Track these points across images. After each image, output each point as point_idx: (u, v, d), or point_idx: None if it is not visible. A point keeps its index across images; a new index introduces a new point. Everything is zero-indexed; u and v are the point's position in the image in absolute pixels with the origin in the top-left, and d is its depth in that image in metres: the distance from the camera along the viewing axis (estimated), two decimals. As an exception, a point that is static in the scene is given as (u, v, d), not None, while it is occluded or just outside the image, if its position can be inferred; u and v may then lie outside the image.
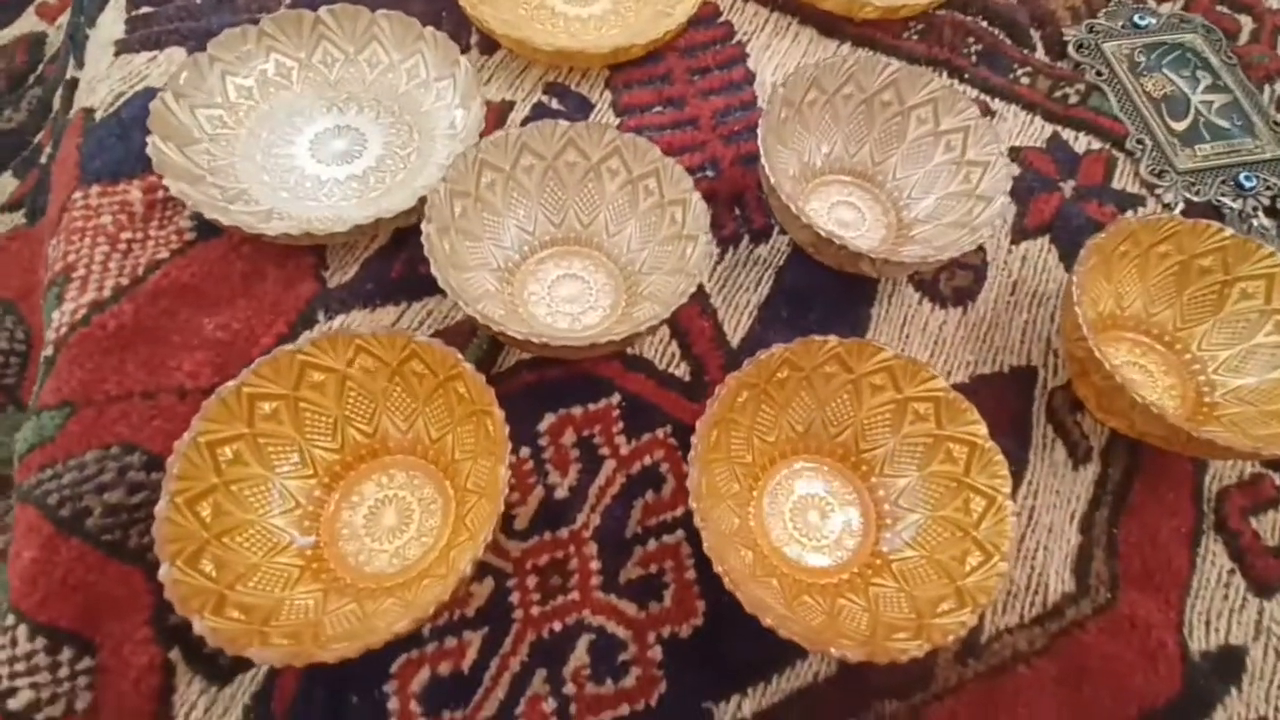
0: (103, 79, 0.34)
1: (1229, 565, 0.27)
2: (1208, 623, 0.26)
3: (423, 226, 0.27)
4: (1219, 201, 0.35)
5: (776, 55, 0.37)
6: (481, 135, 0.31)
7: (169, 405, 0.27)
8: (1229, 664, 0.26)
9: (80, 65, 0.38)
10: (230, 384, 0.24)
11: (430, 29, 0.33)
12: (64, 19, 0.45)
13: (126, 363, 0.28)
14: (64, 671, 0.23)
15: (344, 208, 0.31)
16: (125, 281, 0.29)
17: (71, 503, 0.25)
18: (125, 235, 0.30)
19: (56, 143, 0.38)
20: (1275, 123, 0.37)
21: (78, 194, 0.31)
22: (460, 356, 0.24)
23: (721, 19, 0.38)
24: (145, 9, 0.36)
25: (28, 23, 0.45)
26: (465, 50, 0.36)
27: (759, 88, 0.36)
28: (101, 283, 0.29)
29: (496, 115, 0.34)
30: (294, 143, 0.33)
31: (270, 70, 0.34)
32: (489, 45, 0.36)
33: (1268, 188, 0.35)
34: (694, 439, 0.24)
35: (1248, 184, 0.35)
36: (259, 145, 0.32)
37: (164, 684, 0.23)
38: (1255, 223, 0.34)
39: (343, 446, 0.26)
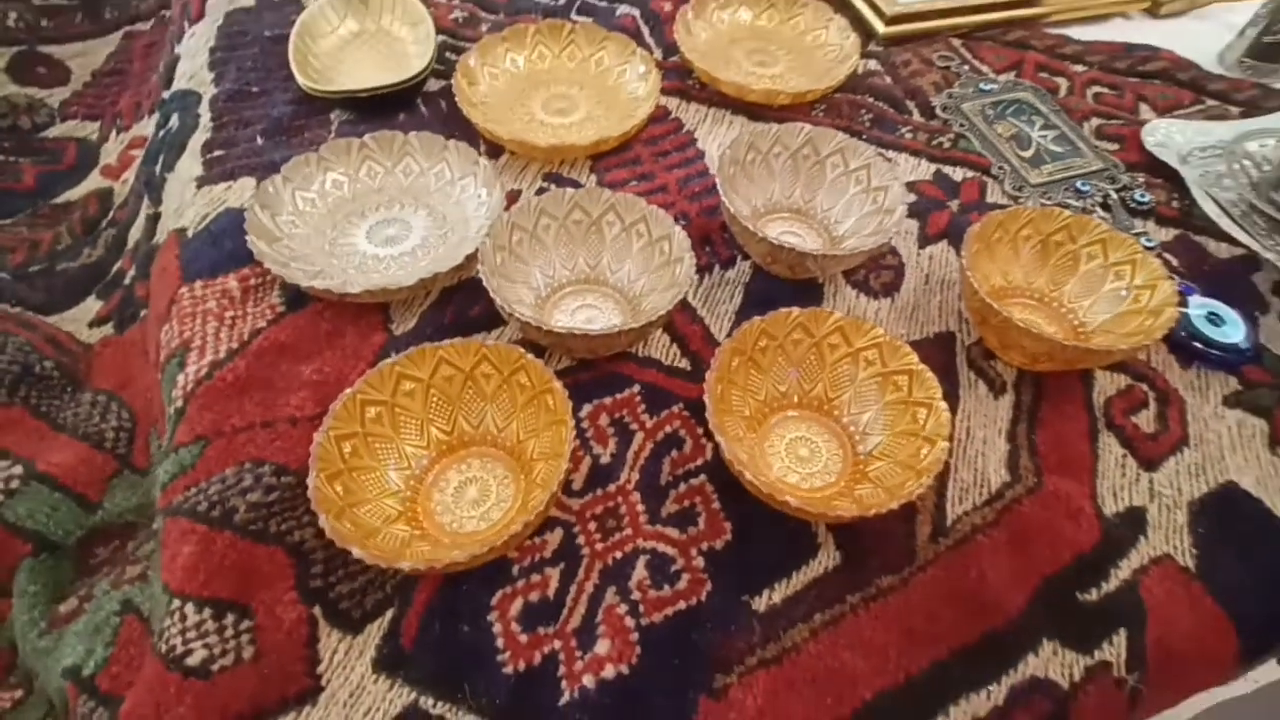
0: (189, 205, 0.45)
1: (1121, 451, 0.37)
2: (1114, 494, 0.36)
3: (479, 268, 0.37)
4: (1065, 204, 0.48)
5: (717, 136, 0.51)
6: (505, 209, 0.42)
7: (285, 431, 0.35)
8: (1134, 520, 0.35)
9: (157, 203, 0.49)
10: (347, 392, 0.33)
11: (451, 140, 0.45)
12: (127, 174, 0.56)
13: (245, 404, 0.36)
14: (229, 633, 0.29)
15: (400, 275, 0.41)
16: (235, 345, 0.38)
17: (219, 506, 0.32)
18: (229, 313, 0.39)
19: (142, 265, 0.48)
20: (1094, 146, 0.51)
21: (183, 290, 0.40)
22: (522, 350, 0.34)
23: (672, 116, 0.52)
24: (218, 152, 0.48)
25: (94, 181, 0.56)
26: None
27: (708, 160, 0.49)
28: (216, 348, 0.38)
29: (510, 201, 0.46)
30: (353, 234, 0.43)
31: (328, 184, 0.45)
32: (495, 151, 0.48)
33: (1098, 190, 0.48)
34: (708, 379, 0.33)
35: (1084, 189, 0.48)
36: (326, 238, 0.43)
37: (310, 634, 0.30)
38: (1097, 214, 0.47)
39: (429, 444, 0.35)
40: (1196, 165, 0.50)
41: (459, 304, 0.41)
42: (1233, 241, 0.46)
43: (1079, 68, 0.58)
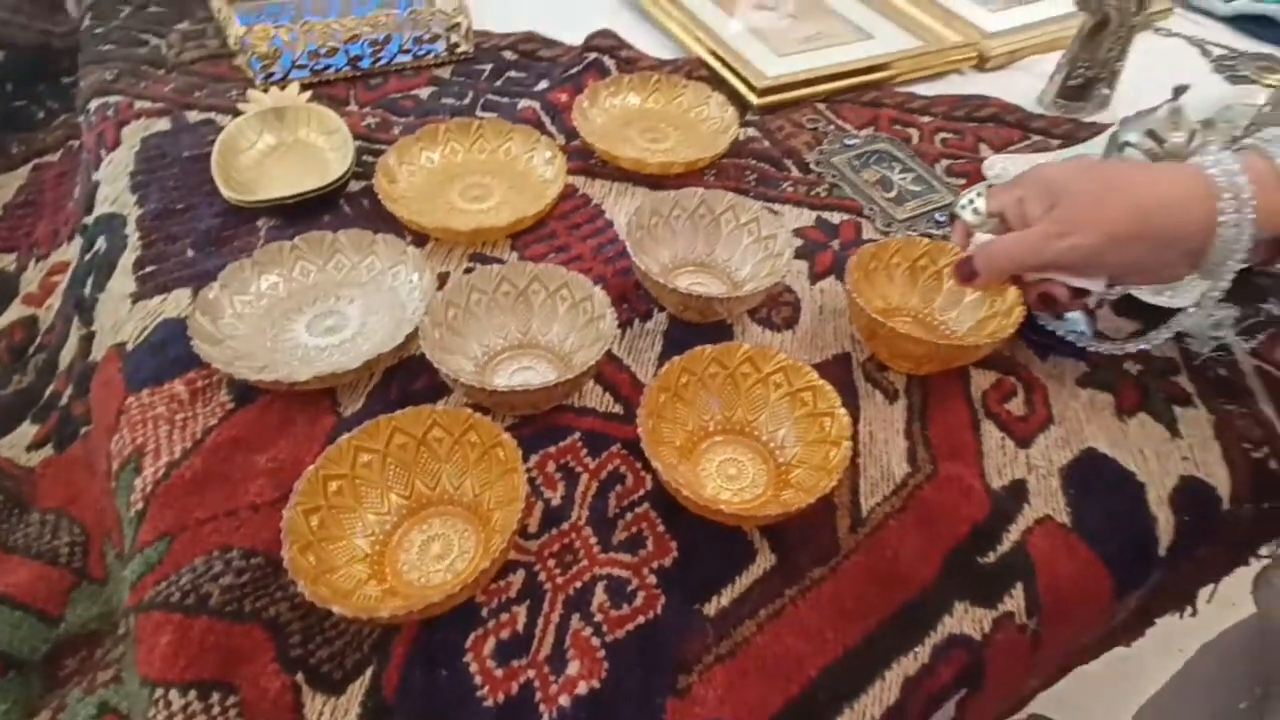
0: (126, 321, 0.48)
1: (1000, 435, 0.44)
2: (998, 471, 0.42)
3: (420, 344, 0.41)
4: (928, 234, 0.56)
5: (623, 206, 0.58)
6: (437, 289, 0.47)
7: (248, 517, 0.38)
8: (1017, 490, 0.41)
9: (89, 323, 0.51)
10: (309, 469, 0.36)
11: (380, 235, 0.50)
12: (51, 300, 0.58)
13: (206, 497, 0.39)
14: (216, 710, 0.32)
15: (344, 361, 0.45)
16: (189, 444, 0.41)
17: (193, 593, 0.34)
18: (179, 416, 0.42)
19: (80, 383, 0.50)
20: (945, 182, 0.60)
21: (131, 399, 0.43)
22: (470, 410, 0.38)
23: (580, 192, 0.59)
24: (150, 268, 0.51)
25: (17, 310, 0.58)
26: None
27: (617, 227, 0.55)
28: (171, 449, 0.40)
29: (441, 282, 0.51)
30: (293, 329, 0.47)
31: (264, 286, 0.49)
32: (421, 239, 0.54)
33: (953, 219, 0.57)
34: (639, 415, 0.38)
35: (941, 219, 0.57)
36: (267, 336, 0.47)
37: (295, 701, 0.32)
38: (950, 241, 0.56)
39: (390, 509, 0.38)
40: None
41: (402, 381, 0.45)
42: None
43: (926, 118, 0.68)
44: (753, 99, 0.68)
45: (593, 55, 0.71)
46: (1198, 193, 0.36)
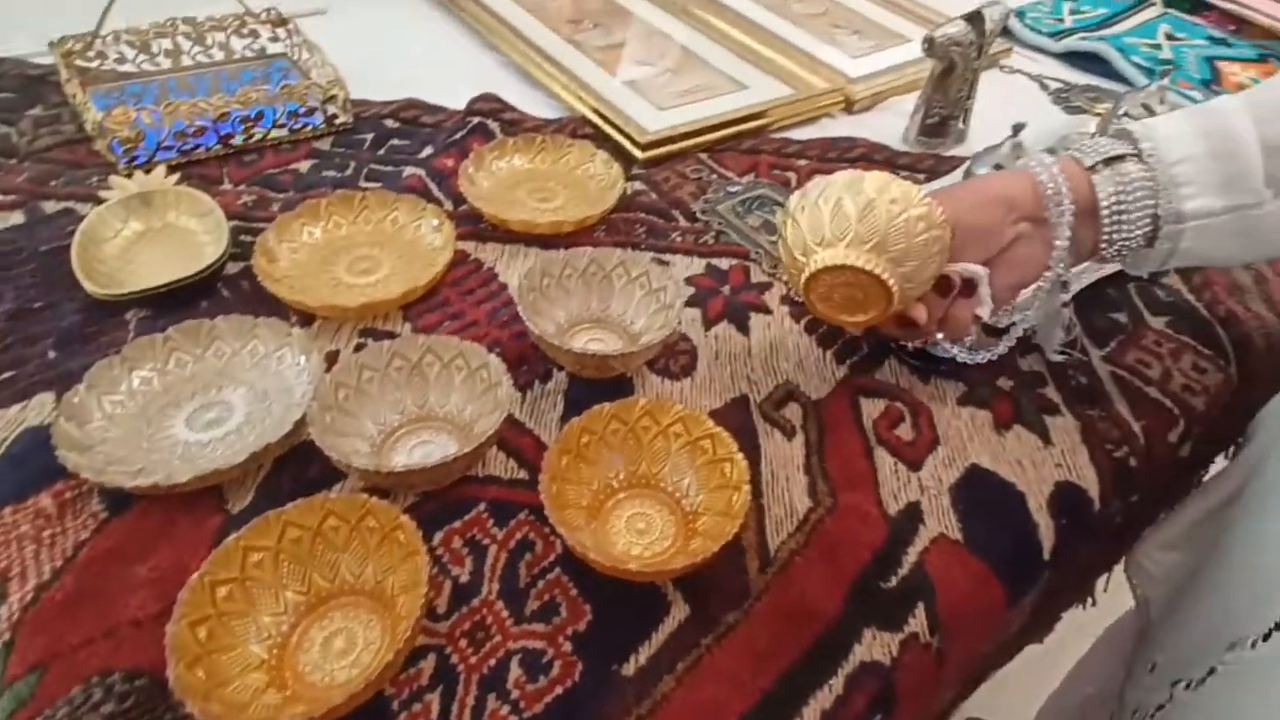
0: (-20, 434, 0.45)
1: (892, 460, 0.47)
2: (893, 496, 0.45)
3: (310, 431, 0.41)
4: (812, 271, 0.60)
5: (515, 268, 0.59)
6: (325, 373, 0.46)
7: (129, 635, 0.36)
8: (912, 513, 0.44)
9: (-63, 439, 0.48)
10: (194, 576, 0.35)
11: (261, 318, 0.50)
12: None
13: (81, 619, 0.36)
14: None
15: (228, 455, 0.44)
16: (59, 563, 0.39)
17: (69, 729, 0.32)
18: (47, 533, 0.40)
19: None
20: (825, 221, 0.65)
21: (-12, 520, 0.40)
22: (365, 496, 0.38)
23: (471, 257, 0.60)
24: (8, 374, 0.48)
25: None
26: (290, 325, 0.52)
27: (511, 290, 0.57)
28: (39, 570, 0.38)
29: (330, 362, 0.50)
30: (171, 426, 0.46)
31: (136, 383, 0.47)
32: (307, 319, 0.53)
33: (835, 256, 0.61)
34: (542, 481, 0.39)
35: (823, 257, 0.61)
36: (143, 436, 0.45)
37: (192, 831, 0.31)
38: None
39: (287, 609, 0.37)
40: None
41: (294, 469, 0.44)
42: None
43: (802, 162, 0.73)
44: (637, 154, 0.71)
45: (476, 119, 0.73)
46: (1023, 174, 0.44)
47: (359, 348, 0.51)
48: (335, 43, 0.84)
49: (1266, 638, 0.38)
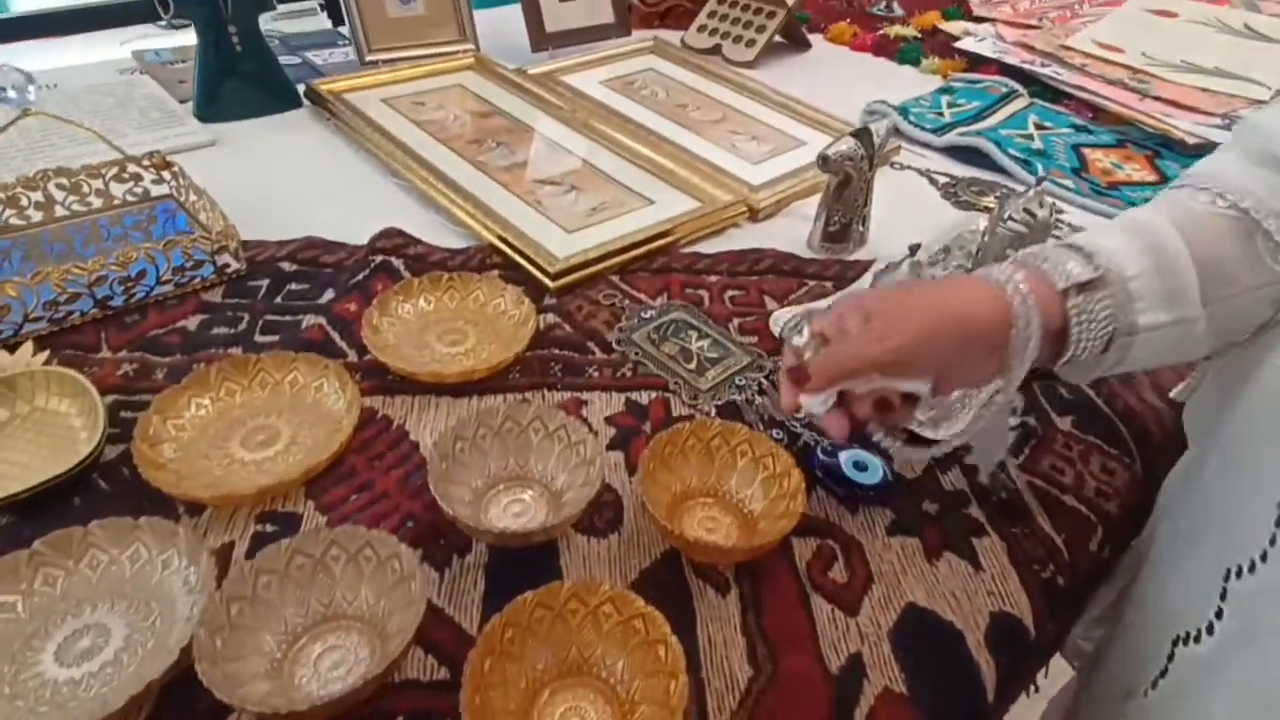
0: None
1: (830, 607, 0.46)
2: (834, 649, 0.44)
3: (196, 664, 0.36)
4: (733, 399, 0.60)
5: (427, 422, 0.56)
6: (217, 579, 0.42)
7: None
8: (855, 667, 0.43)
9: None
10: None
11: (144, 519, 0.45)
12: None
13: None
14: None
15: (106, 695, 0.39)
16: None
17: None
18: (-126, 828, 0.34)
19: None
20: (740, 343, 0.65)
21: None
22: (263, 745, 0.34)
23: (380, 415, 0.57)
24: None
25: None
26: (177, 519, 0.48)
27: (424, 450, 0.54)
28: None
29: (221, 559, 0.46)
30: (39, 662, 0.41)
31: (-6, 612, 0.42)
32: (197, 509, 0.49)
33: (751, 380, 0.62)
34: (462, 694, 0.36)
35: (741, 382, 0.62)
36: (4, 680, 0.39)
37: None
38: (756, 401, 0.60)
39: None
40: (815, 338, 0.67)
41: (183, 704, 0.39)
42: (855, 394, 0.61)
43: (713, 278, 0.75)
44: (549, 283, 0.70)
45: (379, 258, 0.71)
46: (986, 292, 0.43)
47: (256, 536, 0.48)
48: (226, 176, 0.82)
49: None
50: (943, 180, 0.95)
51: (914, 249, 0.61)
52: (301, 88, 1.01)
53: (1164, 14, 1.40)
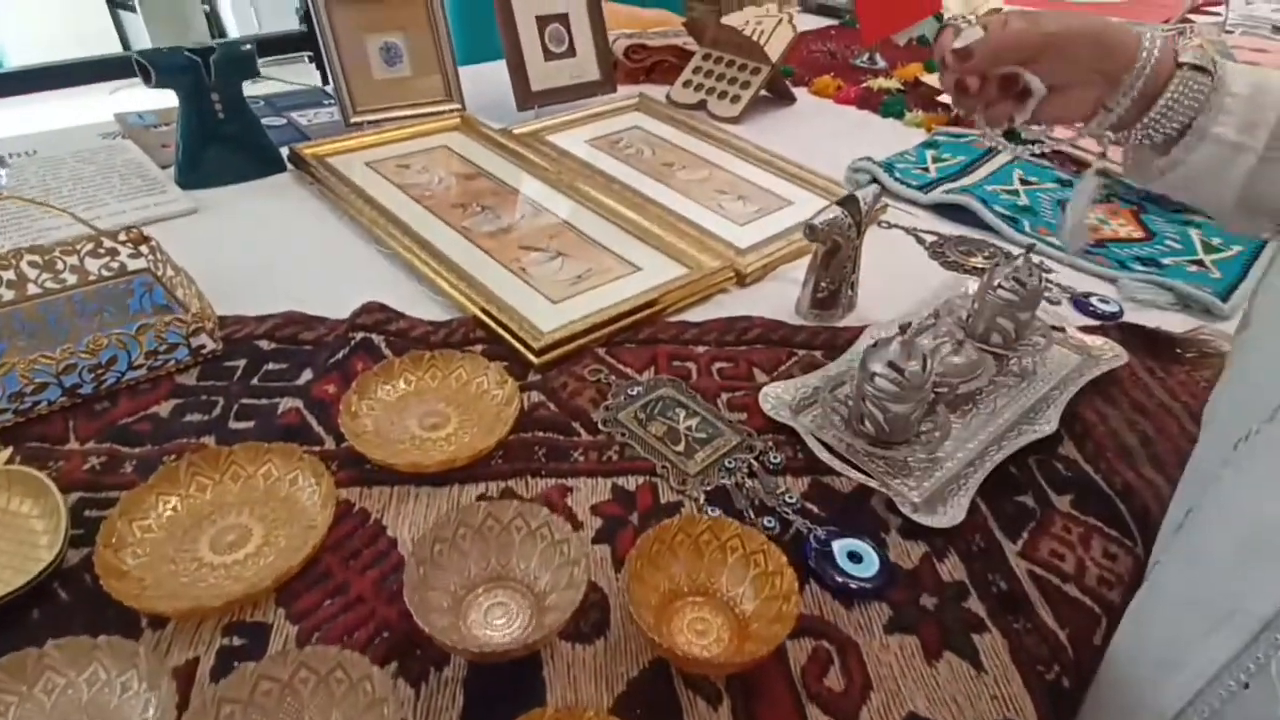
0: None
1: (825, 716, 0.44)
2: (833, 769, 0.42)
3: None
4: (722, 483, 0.58)
5: (407, 516, 0.54)
6: (178, 705, 0.40)
7: None
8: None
9: None
10: None
11: (103, 638, 0.43)
12: None
13: None
14: None
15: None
16: None
17: None
18: None
19: None
20: (729, 421, 0.64)
21: None
22: None
23: (356, 508, 0.55)
24: None
25: None
26: (140, 630, 0.45)
27: (402, 548, 0.52)
28: None
29: (185, 676, 0.44)
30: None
31: (-63, 748, 0.39)
32: (160, 621, 0.46)
33: (741, 462, 0.60)
34: None
35: (731, 465, 0.60)
36: (-60, 829, 0.37)
37: None
38: (746, 485, 0.58)
39: None
40: (805, 415, 0.66)
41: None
42: (847, 474, 0.60)
43: (700, 348, 0.73)
44: (533, 359, 0.69)
45: (360, 335, 0.69)
46: (1129, 30, 0.53)
47: (223, 651, 0.45)
48: (207, 245, 0.81)
49: None
50: (930, 239, 0.95)
51: (904, 328, 0.60)
52: (285, 151, 1.00)
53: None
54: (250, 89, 1.00)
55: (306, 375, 0.66)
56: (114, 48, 3.19)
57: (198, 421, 0.61)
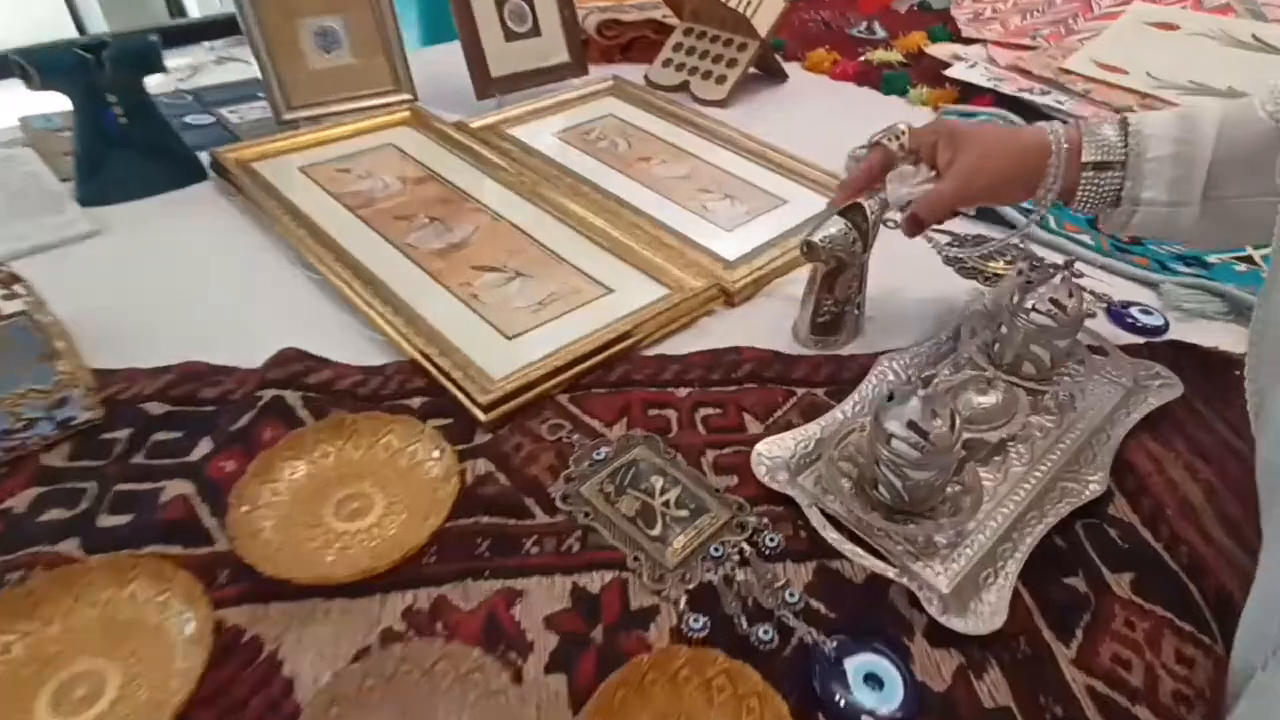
0: None
1: None
2: None
3: None
4: (706, 579, 0.47)
5: (311, 646, 0.43)
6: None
7: None
8: None
9: None
10: None
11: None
12: None
13: None
14: None
15: None
16: None
17: None
18: None
19: None
20: (715, 491, 0.52)
21: None
22: None
23: (246, 636, 0.43)
24: None
25: None
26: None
27: (300, 693, 0.41)
28: None
29: None
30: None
31: None
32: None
33: (731, 546, 0.49)
34: None
35: (718, 553, 0.49)
36: None
37: None
38: (738, 579, 0.47)
39: None
40: (807, 476, 0.54)
41: None
42: (859, 560, 0.48)
43: (682, 391, 0.61)
44: (481, 416, 0.57)
45: (270, 393, 0.57)
46: (1043, 142, 0.58)
47: None
48: (106, 276, 0.70)
49: None
50: (943, 240, 0.83)
51: (927, 381, 0.49)
52: (208, 157, 0.87)
53: (1165, 26, 1.29)
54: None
55: (203, 448, 0.53)
56: (70, 33, 3.00)
57: (59, 520, 0.48)
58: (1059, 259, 0.77)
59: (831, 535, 0.49)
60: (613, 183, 0.87)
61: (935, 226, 0.68)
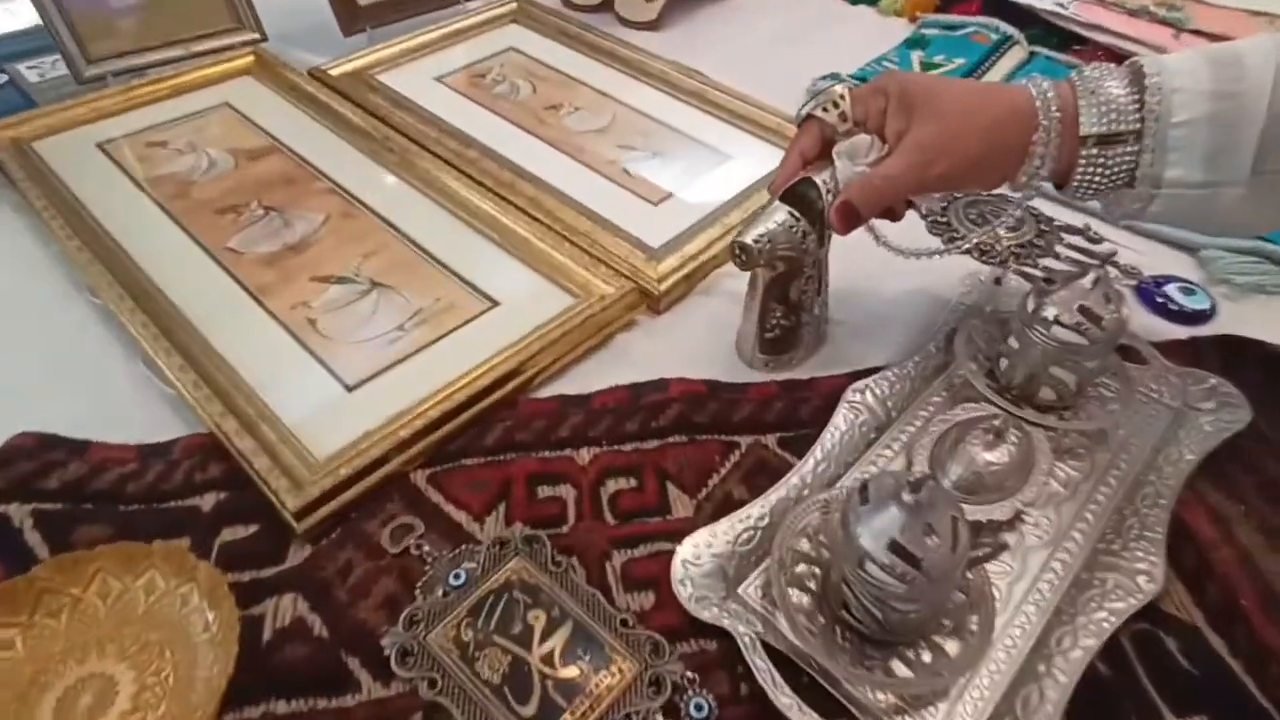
0: None
1: None
2: None
3: None
4: (603, 788, 0.32)
5: None
6: None
7: None
8: None
9: None
10: None
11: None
12: None
13: None
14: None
15: None
16: None
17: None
18: None
19: None
20: (623, 623, 0.36)
21: None
22: None
23: None
24: None
25: None
26: None
27: None
28: None
29: None
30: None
31: None
32: None
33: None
34: None
35: (621, 741, 0.33)
36: None
37: None
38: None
39: None
40: (750, 584, 0.38)
41: None
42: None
43: (586, 455, 0.44)
44: (293, 524, 0.40)
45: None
46: (1026, 109, 0.41)
47: None
48: None
49: None
50: (925, 205, 0.65)
51: (916, 485, 0.32)
52: (-21, 134, 0.65)
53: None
54: None
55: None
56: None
57: None
58: (1075, 219, 0.61)
59: (784, 699, 0.34)
60: (509, 144, 0.67)
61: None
